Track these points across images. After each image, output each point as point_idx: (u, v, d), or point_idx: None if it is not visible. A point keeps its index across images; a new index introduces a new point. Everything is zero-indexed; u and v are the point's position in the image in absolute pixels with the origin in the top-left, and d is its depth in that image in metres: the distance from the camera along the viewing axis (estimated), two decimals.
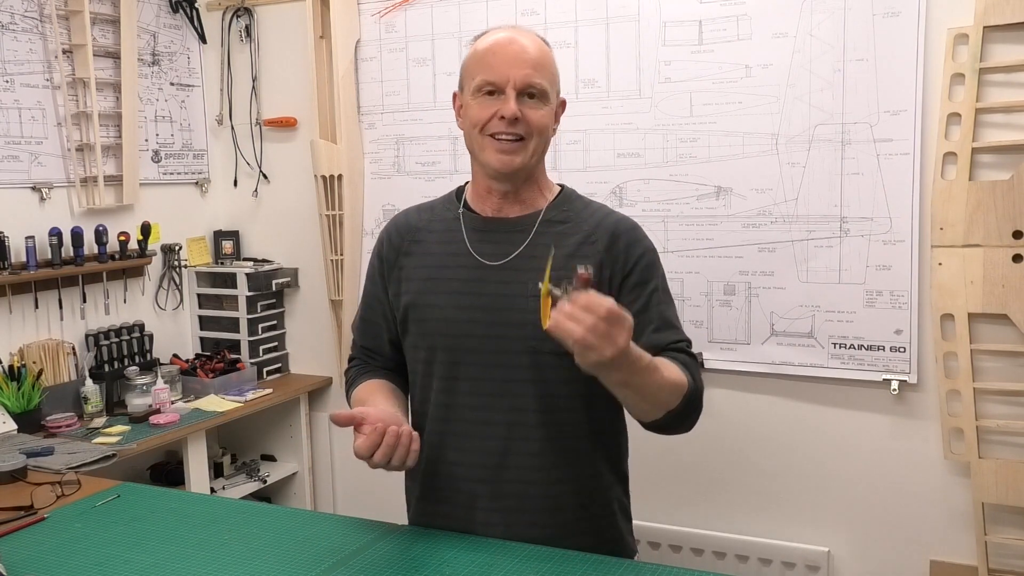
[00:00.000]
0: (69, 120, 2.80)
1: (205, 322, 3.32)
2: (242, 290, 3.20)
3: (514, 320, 1.42)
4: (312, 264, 3.24)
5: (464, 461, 1.48)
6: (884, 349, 2.45)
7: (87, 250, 2.82)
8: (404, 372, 1.60)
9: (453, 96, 1.54)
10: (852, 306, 2.47)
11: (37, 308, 2.74)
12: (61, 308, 2.80)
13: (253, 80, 3.28)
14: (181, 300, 3.27)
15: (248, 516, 1.57)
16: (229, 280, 3.25)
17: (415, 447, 1.36)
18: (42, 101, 2.75)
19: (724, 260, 2.60)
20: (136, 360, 2.96)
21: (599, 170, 2.72)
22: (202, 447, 2.81)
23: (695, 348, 2.58)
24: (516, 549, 1.38)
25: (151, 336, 3.04)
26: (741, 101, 2.53)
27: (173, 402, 2.86)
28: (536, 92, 1.43)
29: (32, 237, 2.65)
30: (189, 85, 3.30)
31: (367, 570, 1.32)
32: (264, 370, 3.27)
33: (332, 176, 3.03)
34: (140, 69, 3.06)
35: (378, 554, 1.38)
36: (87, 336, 2.87)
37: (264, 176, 3.33)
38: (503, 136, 1.43)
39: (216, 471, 3.09)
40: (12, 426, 2.49)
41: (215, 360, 3.13)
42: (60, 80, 2.78)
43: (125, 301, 3.02)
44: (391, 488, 1.68)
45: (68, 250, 2.76)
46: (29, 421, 2.55)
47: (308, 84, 3.07)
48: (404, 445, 1.34)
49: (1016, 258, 2.27)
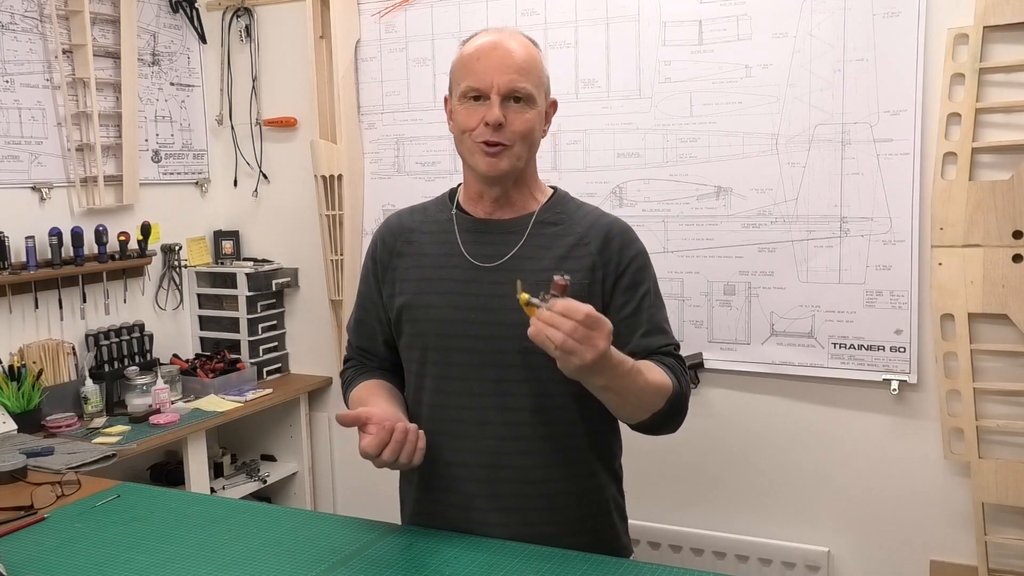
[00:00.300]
0: (69, 120, 2.80)
1: (205, 322, 3.32)
2: (242, 290, 3.21)
3: (507, 321, 1.42)
4: (312, 264, 3.24)
5: (460, 461, 1.48)
6: (884, 349, 2.45)
7: (87, 250, 2.82)
8: (400, 372, 1.60)
9: (444, 100, 1.54)
10: (852, 306, 2.47)
11: (37, 308, 2.74)
12: (61, 308, 2.80)
13: (253, 80, 3.28)
14: (181, 300, 3.27)
15: (248, 516, 1.57)
16: (229, 280, 3.25)
17: (422, 444, 1.37)
18: (42, 101, 2.75)
19: (724, 260, 2.60)
20: (136, 360, 2.96)
21: (599, 170, 2.72)
22: (202, 447, 2.81)
23: (695, 348, 2.65)
24: (516, 549, 1.38)
25: (151, 336, 3.04)
26: (741, 101, 2.53)
27: (173, 402, 2.86)
28: (522, 96, 1.43)
29: (32, 237, 2.65)
30: (189, 85, 3.30)
31: (367, 570, 1.32)
32: (264, 370, 3.27)
33: (332, 176, 3.03)
34: (140, 69, 3.06)
35: (378, 554, 1.38)
36: (87, 336, 2.87)
37: (264, 176, 3.33)
38: (489, 142, 1.43)
39: (216, 471, 3.09)
40: (12, 426, 2.49)
41: (215, 360, 3.13)
42: (60, 80, 2.78)
43: (125, 301, 3.02)
44: (391, 488, 1.68)
45: (68, 250, 2.76)
46: (29, 421, 2.55)
47: (308, 84, 3.07)
48: (412, 442, 1.36)
49: (1016, 258, 2.27)
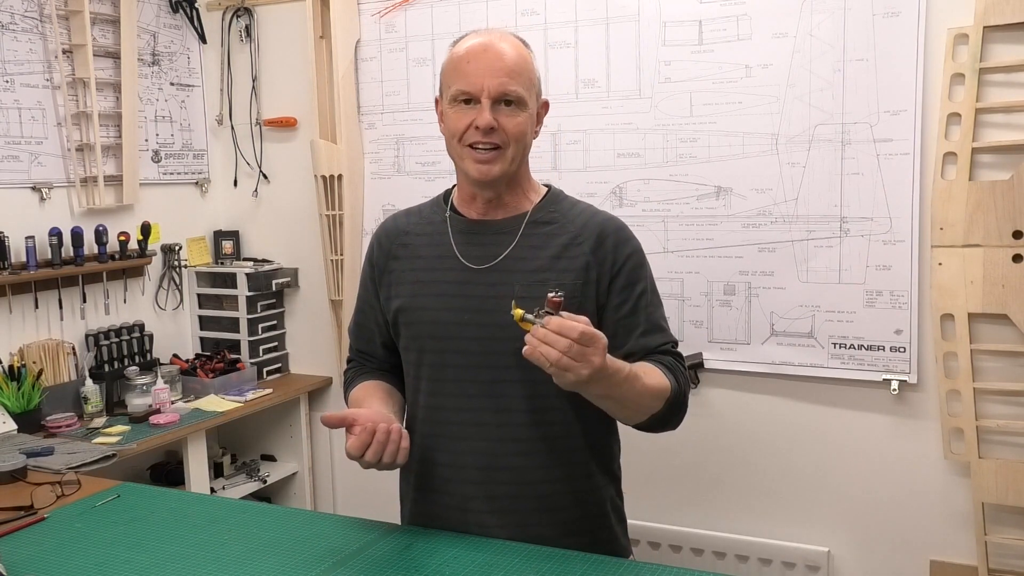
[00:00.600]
0: (69, 120, 2.80)
1: (205, 322, 3.32)
2: (242, 290, 3.20)
3: (501, 322, 1.41)
4: (312, 264, 3.24)
5: (456, 463, 1.49)
6: (884, 349, 2.45)
7: (87, 250, 2.82)
8: (400, 373, 1.61)
9: (435, 101, 1.53)
10: (852, 306, 2.47)
11: (37, 308, 2.74)
12: (61, 308, 2.80)
13: (253, 80, 3.28)
14: (181, 300, 3.27)
15: (248, 516, 1.57)
16: (229, 280, 3.25)
17: (405, 444, 1.36)
18: (42, 101, 2.75)
19: (724, 260, 2.60)
20: (136, 360, 2.96)
21: (599, 170, 2.72)
22: (202, 447, 2.81)
23: (695, 348, 2.65)
24: (516, 549, 1.38)
25: (151, 336, 3.04)
26: (741, 101, 2.53)
27: (173, 402, 2.86)
28: (512, 99, 1.42)
29: (32, 237, 2.65)
30: (189, 85, 3.30)
31: (367, 570, 1.32)
32: (264, 370, 3.27)
33: (332, 176, 3.03)
34: (140, 69, 3.06)
35: (378, 554, 1.38)
36: (87, 336, 2.87)
37: (264, 176, 3.32)
38: (480, 146, 1.42)
39: (216, 471, 3.09)
40: (12, 426, 2.49)
41: (215, 360, 3.13)
42: (60, 80, 2.78)
43: (125, 301, 3.02)
44: (391, 488, 1.68)
45: (68, 250, 2.76)
46: (29, 421, 2.55)
47: (308, 84, 3.07)
48: (394, 442, 1.35)
49: (1016, 258, 2.27)
